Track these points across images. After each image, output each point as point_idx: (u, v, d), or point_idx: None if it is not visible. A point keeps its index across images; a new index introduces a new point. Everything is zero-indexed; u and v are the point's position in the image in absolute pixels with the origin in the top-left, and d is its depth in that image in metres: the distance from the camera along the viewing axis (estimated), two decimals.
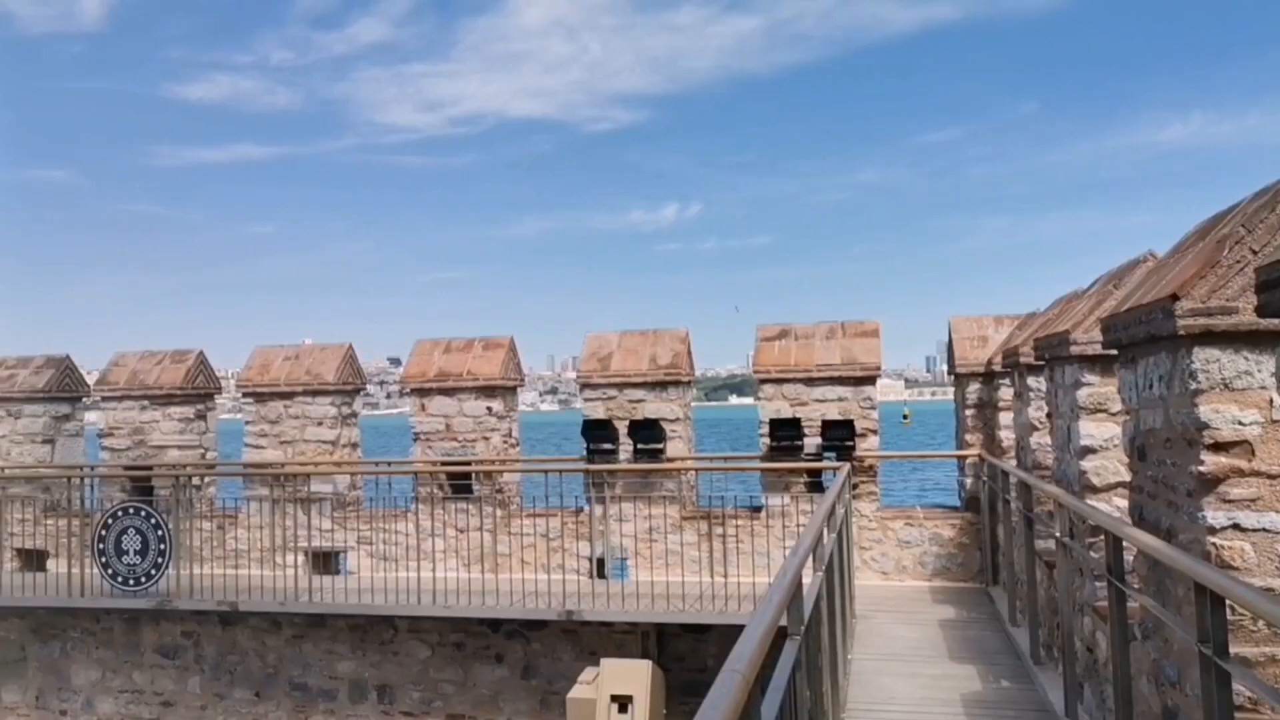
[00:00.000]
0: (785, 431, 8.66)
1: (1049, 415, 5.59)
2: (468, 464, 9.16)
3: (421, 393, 9.37)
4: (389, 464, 9.97)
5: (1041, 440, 6.21)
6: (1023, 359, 6.23)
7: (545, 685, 8.32)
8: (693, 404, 9.53)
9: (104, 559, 8.52)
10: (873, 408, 8.83)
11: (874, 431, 8.78)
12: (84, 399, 10.86)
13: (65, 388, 10.62)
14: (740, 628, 1.99)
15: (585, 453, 8.92)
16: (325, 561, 9.44)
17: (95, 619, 9.19)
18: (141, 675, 9.11)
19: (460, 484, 9.25)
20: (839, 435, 8.52)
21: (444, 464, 9.19)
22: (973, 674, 5.57)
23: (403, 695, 8.53)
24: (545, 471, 8.55)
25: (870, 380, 8.81)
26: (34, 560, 10.07)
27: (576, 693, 7.24)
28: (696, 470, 9.23)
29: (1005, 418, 8.09)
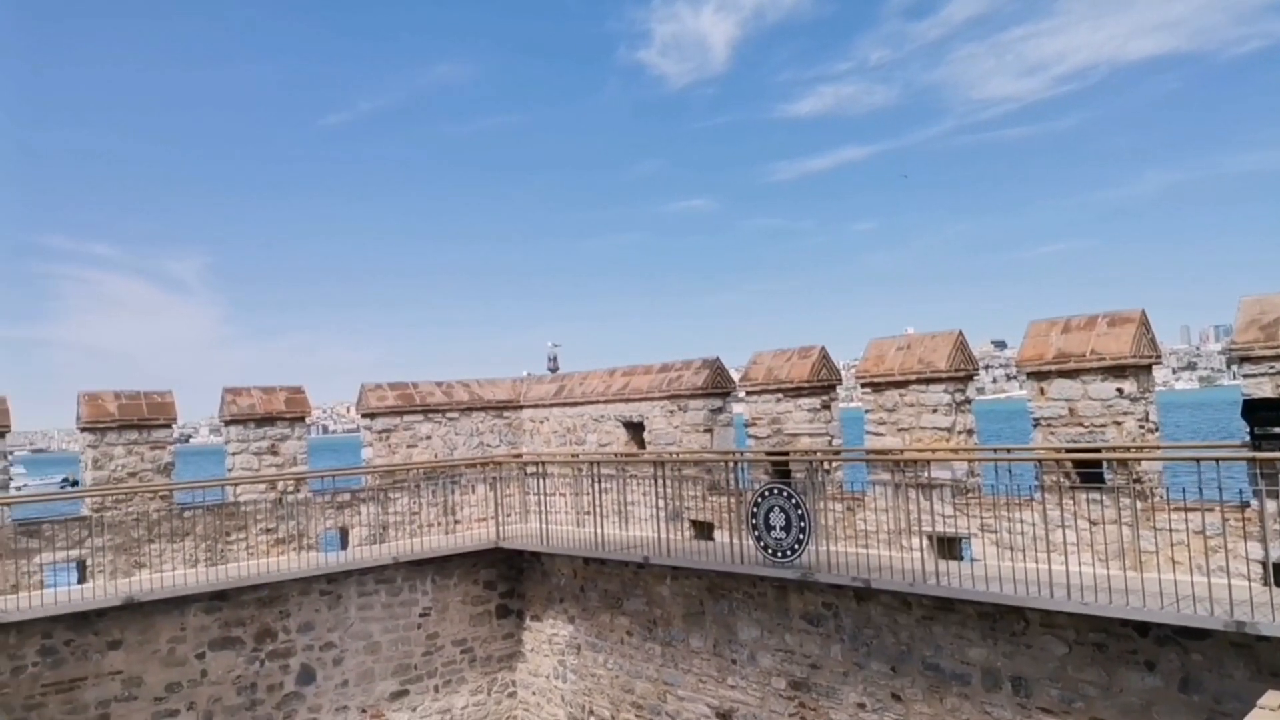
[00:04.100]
0: None
1: None
2: (1097, 451, 8.45)
3: (1039, 376, 8.91)
4: (1008, 451, 9.67)
5: None
6: None
7: (1211, 703, 7.26)
8: None
9: (756, 533, 9.80)
10: None
11: None
12: (732, 393, 12.65)
13: (717, 385, 12.50)
14: None
15: (1248, 437, 7.56)
16: (948, 546, 9.55)
17: (752, 584, 10.62)
18: (791, 638, 10.26)
19: (1089, 472, 8.57)
20: None
21: (1069, 451, 8.61)
22: None
23: (1039, 690, 8.21)
24: (1196, 460, 7.47)
25: None
26: (704, 530, 12.05)
27: (1257, 718, 6.18)
28: None
29: None
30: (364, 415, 14.20)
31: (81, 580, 11.46)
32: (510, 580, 14.09)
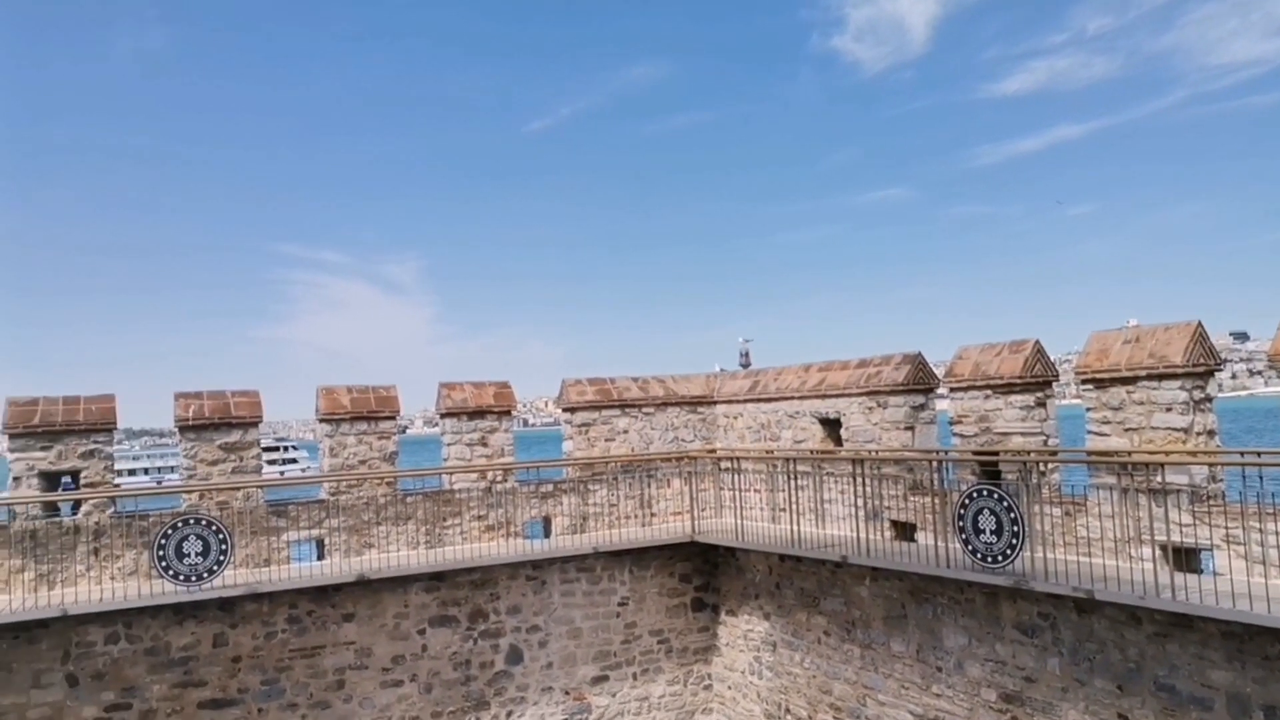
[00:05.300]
0: None
1: None
2: None
3: None
4: (1258, 454, 8.68)
5: None
6: None
7: None
8: None
9: (964, 536, 9.35)
10: None
11: None
12: (934, 390, 12.13)
13: (919, 381, 12.03)
14: None
15: None
16: (1184, 558, 8.71)
17: (959, 589, 10.14)
18: (1003, 648, 9.71)
19: None
20: None
21: None
22: None
23: None
24: None
25: None
26: (905, 531, 11.63)
27: None
28: None
29: None
30: (565, 409, 14.76)
31: (320, 557, 12.64)
32: (705, 574, 14.20)
